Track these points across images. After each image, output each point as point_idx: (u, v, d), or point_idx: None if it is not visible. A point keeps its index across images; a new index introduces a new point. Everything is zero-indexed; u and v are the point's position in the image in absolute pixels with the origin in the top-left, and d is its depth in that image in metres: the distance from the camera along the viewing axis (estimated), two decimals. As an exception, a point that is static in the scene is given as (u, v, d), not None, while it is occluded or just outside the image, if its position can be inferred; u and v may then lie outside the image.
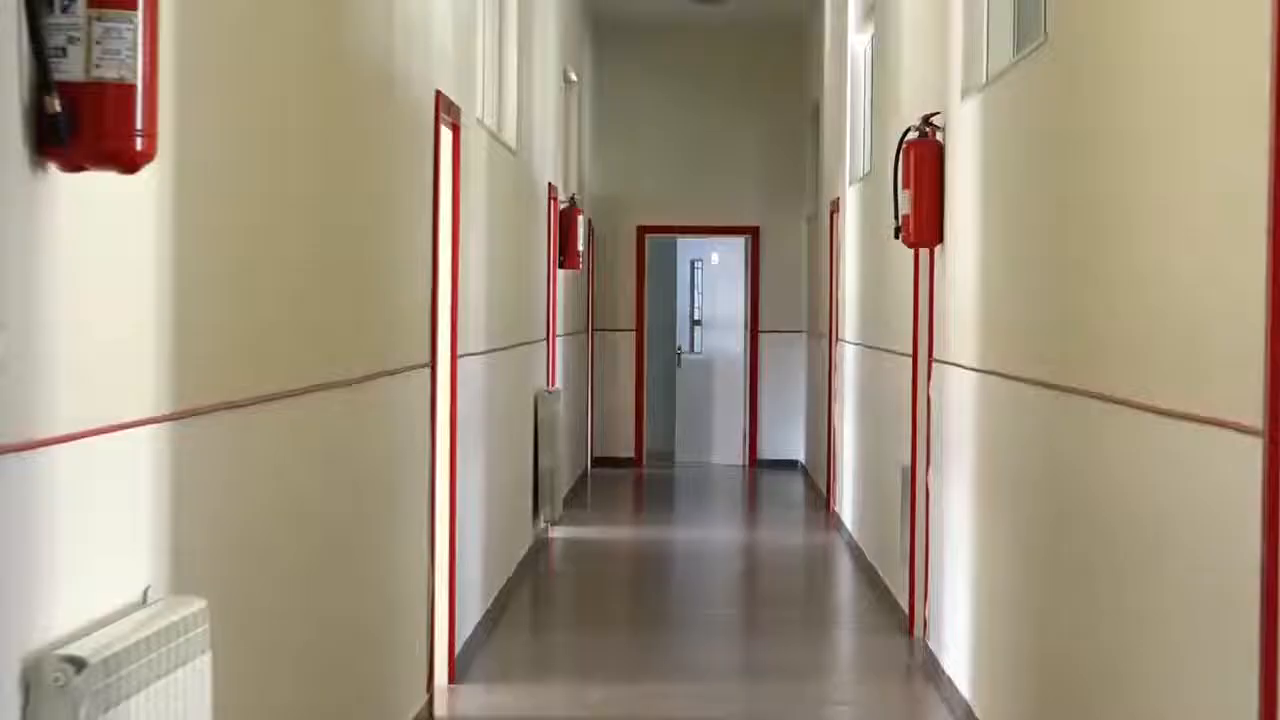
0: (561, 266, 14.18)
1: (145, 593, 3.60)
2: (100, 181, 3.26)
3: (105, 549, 3.41)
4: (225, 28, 4.23)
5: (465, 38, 8.62)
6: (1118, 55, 5.05)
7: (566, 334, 15.39)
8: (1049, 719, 5.89)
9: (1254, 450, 3.68)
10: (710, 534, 14.31)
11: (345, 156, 5.69)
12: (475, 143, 8.93)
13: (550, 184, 13.38)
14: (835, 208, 14.87)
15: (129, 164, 3.06)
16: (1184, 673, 4.27)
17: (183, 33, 3.78)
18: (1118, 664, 4.92)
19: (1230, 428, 3.86)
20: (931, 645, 8.67)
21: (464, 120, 8.38)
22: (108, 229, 3.41)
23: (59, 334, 3.12)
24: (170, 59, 3.64)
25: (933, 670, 8.45)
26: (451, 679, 8.14)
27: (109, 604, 3.40)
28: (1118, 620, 4.92)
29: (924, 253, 9.03)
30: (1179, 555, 4.31)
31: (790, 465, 19.42)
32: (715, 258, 20.17)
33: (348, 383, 5.70)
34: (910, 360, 9.54)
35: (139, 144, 3.01)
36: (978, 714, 7.19)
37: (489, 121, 9.83)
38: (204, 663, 3.61)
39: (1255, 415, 3.68)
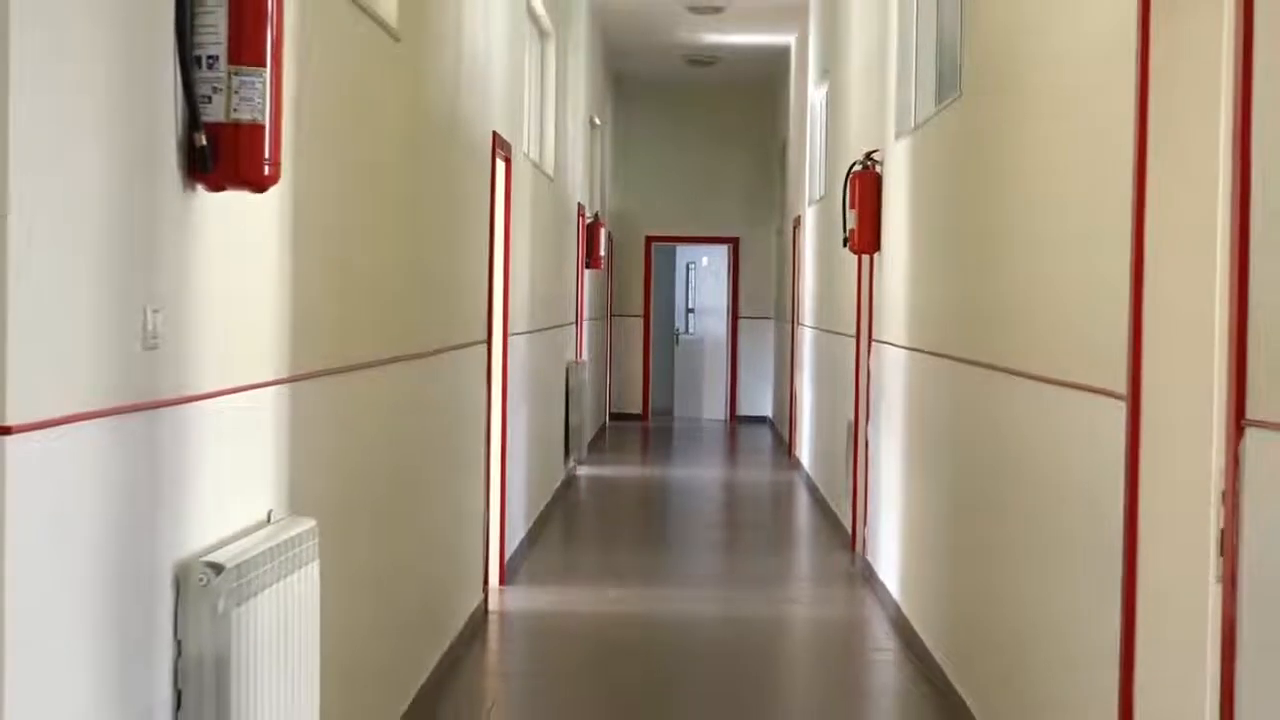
0: (587, 266, 14.15)
1: (269, 514, 3.60)
2: (236, 199, 3.26)
3: (238, 480, 3.41)
4: (334, 82, 4.21)
5: (515, 91, 8.59)
6: (1013, 110, 5.03)
7: (591, 318, 15.36)
8: (955, 613, 5.89)
9: (1120, 411, 3.67)
10: (699, 472, 14.29)
11: (423, 181, 5.67)
12: (522, 172, 8.90)
13: (579, 203, 13.35)
14: (798, 223, 14.83)
15: (259, 186, 3.06)
16: (1051, 559, 4.26)
17: (301, 85, 3.77)
18: (1006, 570, 4.91)
19: (1101, 393, 3.85)
20: (869, 558, 8.66)
21: (514, 154, 8.36)
22: (242, 235, 3.40)
23: (204, 315, 3.11)
24: (291, 105, 3.62)
25: (869, 577, 8.44)
26: (502, 581, 8.15)
27: (241, 522, 3.40)
28: (1005, 537, 4.91)
29: (865, 258, 9.01)
30: (1051, 488, 4.30)
31: (761, 420, 19.39)
32: (705, 261, 20.13)
33: (423, 354, 5.69)
34: (854, 340, 9.52)
35: (267, 170, 3.01)
36: (905, 611, 7.18)
37: (533, 155, 9.80)
38: (314, 569, 3.61)
39: (1120, 383, 3.67)
